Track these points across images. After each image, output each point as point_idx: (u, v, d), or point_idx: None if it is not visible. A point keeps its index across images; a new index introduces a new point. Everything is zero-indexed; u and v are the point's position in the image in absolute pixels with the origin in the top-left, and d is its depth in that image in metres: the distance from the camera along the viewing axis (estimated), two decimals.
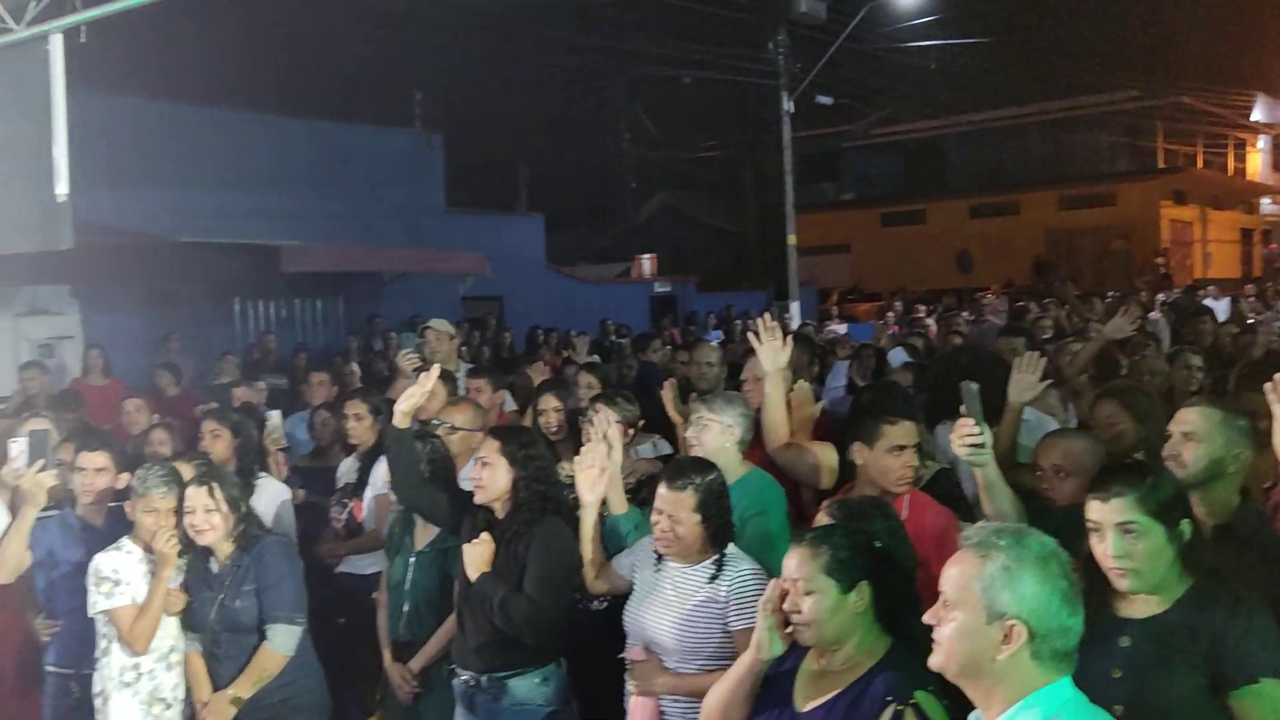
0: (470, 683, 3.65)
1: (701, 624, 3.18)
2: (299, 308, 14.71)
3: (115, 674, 3.84)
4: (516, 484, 3.63)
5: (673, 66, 22.03)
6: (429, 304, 14.81)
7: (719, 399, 3.99)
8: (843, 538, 2.58)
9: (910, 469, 3.52)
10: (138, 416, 6.48)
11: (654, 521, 3.27)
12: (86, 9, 4.05)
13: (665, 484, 3.25)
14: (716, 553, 3.24)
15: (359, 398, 5.07)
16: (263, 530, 4.05)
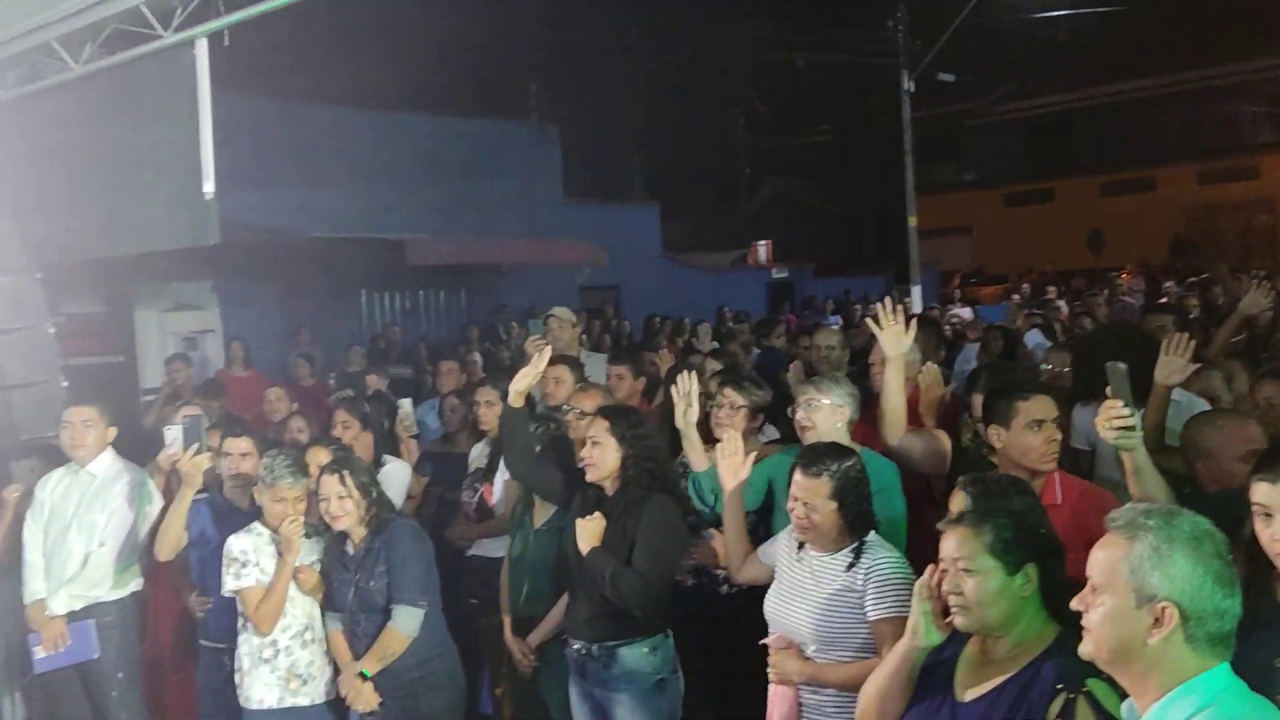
0: (582, 651, 3.76)
1: (840, 613, 3.15)
2: (422, 299, 15.10)
3: (254, 650, 4.00)
4: (625, 462, 3.73)
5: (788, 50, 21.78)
6: (547, 294, 14.99)
7: (826, 379, 3.99)
8: (1007, 517, 2.46)
9: (1054, 444, 3.42)
10: (278, 405, 6.77)
11: (790, 508, 3.25)
12: (228, 13, 4.22)
13: (801, 470, 3.22)
14: (856, 540, 3.20)
15: (489, 384, 5.18)
16: (393, 513, 4.18)
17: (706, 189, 25.81)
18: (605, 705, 3.76)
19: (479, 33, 16.89)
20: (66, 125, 5.33)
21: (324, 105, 14.13)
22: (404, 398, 5.87)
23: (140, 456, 4.99)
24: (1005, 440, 3.45)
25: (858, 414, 3.92)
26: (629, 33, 19.86)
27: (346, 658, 4.02)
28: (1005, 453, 3.47)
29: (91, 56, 4.81)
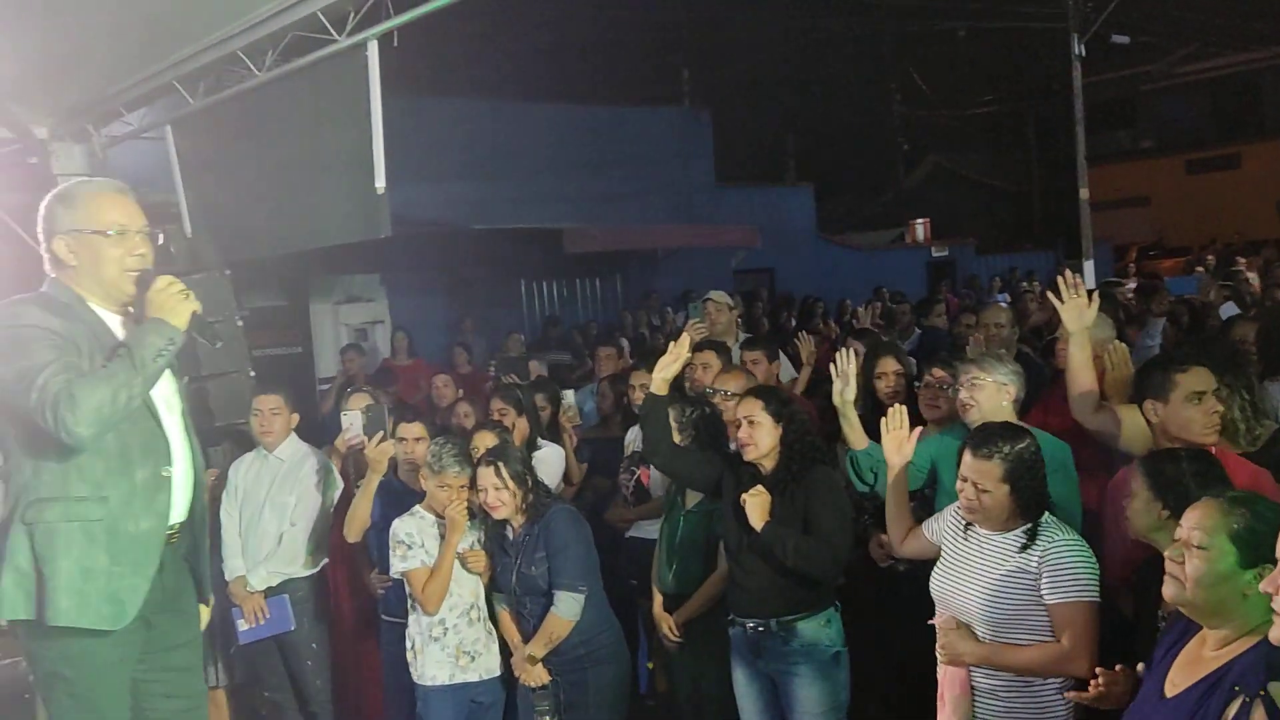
0: (758, 628, 3.78)
1: (1013, 596, 3.07)
2: (579, 286, 15.37)
3: (424, 629, 4.16)
4: (785, 438, 3.77)
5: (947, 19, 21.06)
6: (702, 278, 15.02)
7: (989, 357, 3.89)
8: (1270, 510, 2.30)
9: (1215, 416, 3.28)
10: (445, 391, 7.04)
11: (959, 489, 3.19)
12: (397, 15, 4.39)
13: (970, 451, 3.15)
14: (1028, 521, 3.12)
15: (643, 369, 5.23)
16: (550, 499, 4.28)
17: (862, 167, 25.26)
18: (782, 682, 3.79)
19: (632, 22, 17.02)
20: (249, 130, 5.65)
21: (483, 99, 14.54)
22: (564, 386, 5.98)
23: (317, 442, 5.27)
24: (1163, 415, 3.35)
25: (1024, 392, 3.81)
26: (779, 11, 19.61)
27: (516, 639, 4.17)
28: (1163, 427, 3.34)
29: (272, 64, 5.08)
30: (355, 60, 4.66)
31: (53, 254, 2.84)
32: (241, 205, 5.98)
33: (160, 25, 5.11)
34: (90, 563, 2.69)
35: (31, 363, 2.62)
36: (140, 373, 2.68)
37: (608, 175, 15.07)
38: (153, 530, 2.82)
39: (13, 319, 2.71)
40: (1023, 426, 3.31)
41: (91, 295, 2.85)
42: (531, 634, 4.11)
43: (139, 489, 2.79)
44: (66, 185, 2.91)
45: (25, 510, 2.70)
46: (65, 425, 2.57)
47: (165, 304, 2.79)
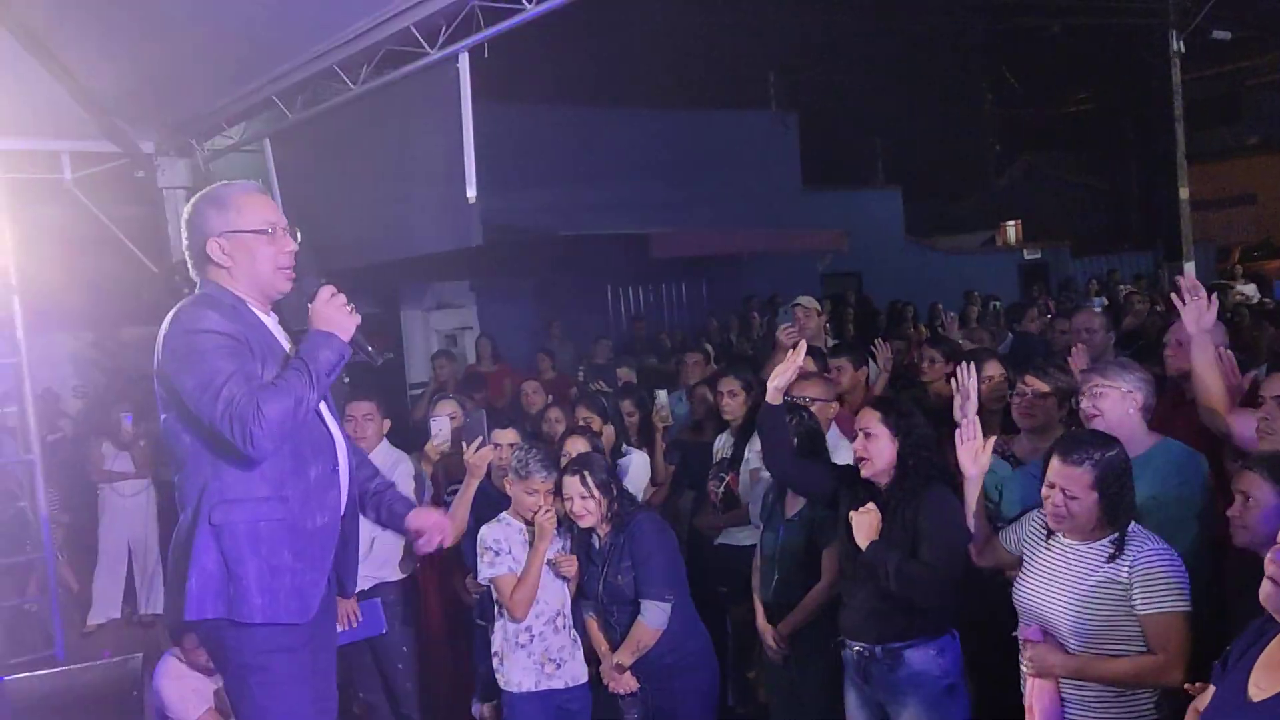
0: (864, 654, 3.65)
1: (1102, 606, 2.98)
2: (665, 291, 15.38)
3: (510, 635, 4.15)
4: (902, 453, 3.61)
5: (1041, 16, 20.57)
6: (788, 282, 14.92)
7: (1112, 364, 3.73)
8: None
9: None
10: (535, 398, 7.09)
11: (1045, 495, 3.10)
12: (487, 27, 4.45)
13: (1059, 457, 3.06)
14: (1115, 530, 3.02)
15: (732, 374, 5.20)
16: (635, 507, 4.25)
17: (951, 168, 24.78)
18: (891, 712, 3.64)
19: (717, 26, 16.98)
20: (344, 142, 5.80)
21: (569, 105, 14.64)
22: (663, 390, 5.98)
23: (409, 448, 5.35)
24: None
25: (1153, 399, 3.65)
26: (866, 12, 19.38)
27: (604, 647, 4.16)
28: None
29: (367, 77, 5.20)
30: (447, 72, 4.75)
31: (206, 257, 2.83)
32: (336, 215, 6.14)
33: (261, 43, 5.28)
34: (276, 560, 2.74)
35: (213, 371, 2.64)
36: (315, 386, 2.72)
37: (694, 179, 15.05)
38: (327, 526, 2.88)
39: (192, 323, 2.70)
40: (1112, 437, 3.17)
41: (246, 296, 2.86)
42: (619, 642, 4.10)
43: (313, 487, 2.84)
44: (211, 189, 2.91)
45: (212, 512, 2.72)
46: (252, 439, 2.61)
47: (332, 317, 2.81)
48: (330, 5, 4.81)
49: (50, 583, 6.38)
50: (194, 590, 2.70)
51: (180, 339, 2.70)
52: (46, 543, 6.42)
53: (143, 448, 7.82)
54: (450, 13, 4.51)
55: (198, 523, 2.73)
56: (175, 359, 2.70)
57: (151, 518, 7.95)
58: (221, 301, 2.80)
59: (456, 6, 4.44)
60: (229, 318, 2.74)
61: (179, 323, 2.72)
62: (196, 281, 2.90)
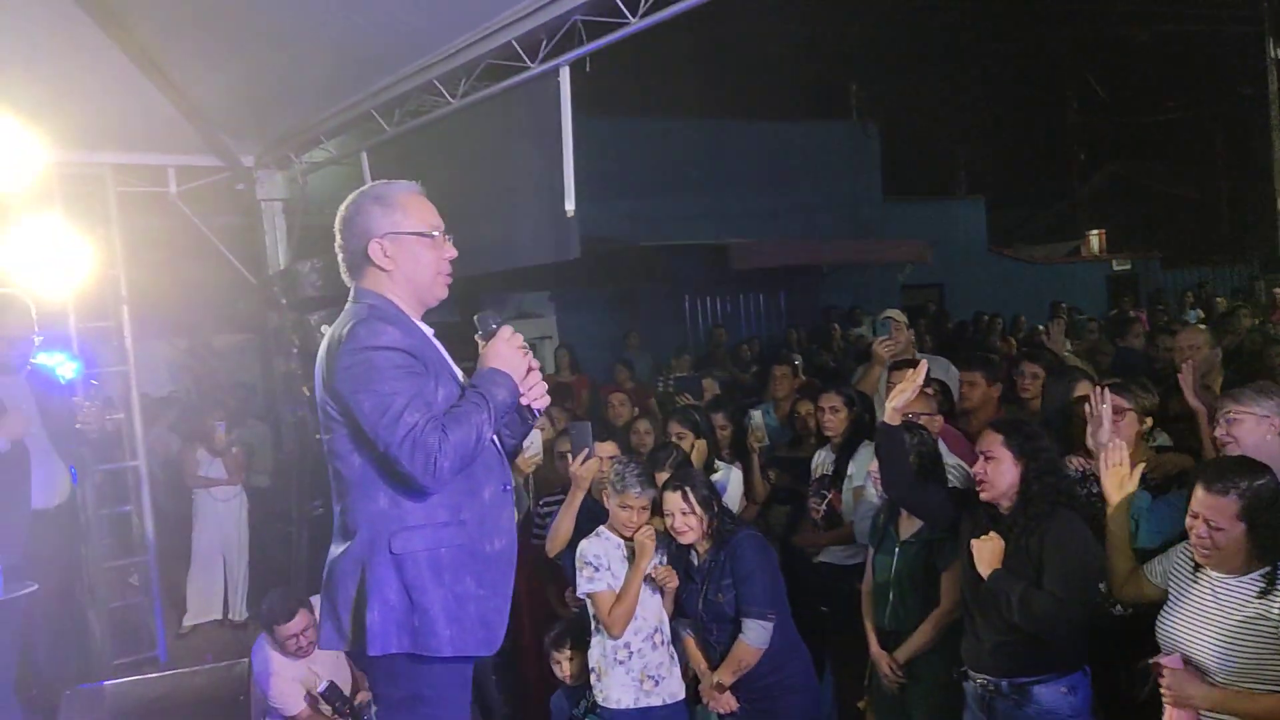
0: (989, 687, 3.52)
1: (1251, 643, 2.85)
2: (743, 302, 15.29)
3: (608, 652, 4.12)
4: (1025, 477, 3.47)
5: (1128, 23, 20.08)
6: (868, 294, 14.77)
7: (1248, 389, 3.56)
8: None
9: None
10: (621, 410, 7.08)
11: (1189, 526, 2.97)
12: (589, 41, 4.45)
13: (1203, 486, 2.93)
14: (1267, 564, 2.88)
15: (833, 390, 5.13)
16: (735, 524, 4.21)
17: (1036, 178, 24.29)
18: None
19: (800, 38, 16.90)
20: (441, 154, 5.84)
21: (649, 118, 14.67)
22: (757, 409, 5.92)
23: None
24: None
25: None
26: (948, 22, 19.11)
27: (703, 666, 4.12)
28: None
29: (466, 91, 5.24)
30: (547, 86, 4.76)
31: (366, 258, 2.70)
32: None
33: (362, 57, 5.36)
34: (461, 589, 2.61)
35: (391, 393, 2.50)
36: (492, 423, 2.58)
37: (775, 190, 14.98)
38: (505, 550, 2.74)
39: (370, 338, 2.55)
40: (1262, 465, 3.02)
41: (403, 302, 2.72)
42: (718, 661, 4.06)
43: (488, 509, 2.70)
44: (373, 187, 2.78)
45: (392, 540, 2.57)
46: (435, 468, 2.48)
47: (510, 357, 2.69)
48: (433, 20, 4.86)
49: (154, 585, 6.53)
50: (377, 624, 2.56)
51: (356, 356, 2.53)
52: (150, 546, 6.58)
53: (235, 455, 7.99)
54: (552, 27, 4.52)
55: (374, 551, 2.59)
56: (350, 378, 2.53)
57: (243, 523, 8.11)
58: (391, 314, 2.65)
59: (559, 21, 4.45)
60: (406, 332, 2.61)
61: (355, 339, 2.55)
62: (350, 286, 2.77)
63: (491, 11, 4.66)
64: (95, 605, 6.00)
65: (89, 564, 5.87)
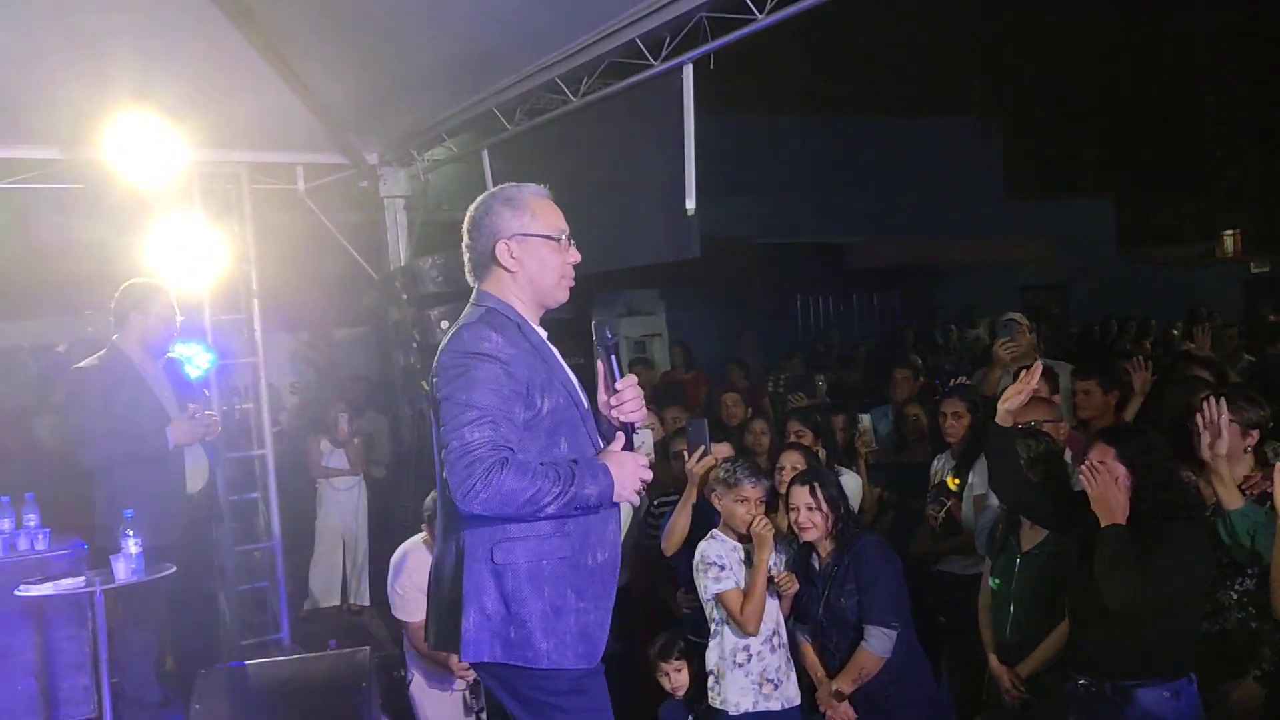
0: (1090, 688, 3.42)
1: None
2: (856, 301, 15.07)
3: (727, 654, 4.08)
4: (1138, 491, 3.33)
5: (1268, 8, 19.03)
6: (986, 294, 14.38)
7: None
8: None
9: None
10: (735, 410, 7.04)
11: None
12: (715, 39, 4.42)
13: None
14: None
15: (957, 396, 4.99)
16: (860, 528, 4.13)
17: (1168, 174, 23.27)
18: None
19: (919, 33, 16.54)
20: (561, 152, 5.88)
21: (767, 116, 14.56)
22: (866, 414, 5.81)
23: None
24: None
25: None
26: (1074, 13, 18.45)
27: (820, 673, 4.05)
28: None
29: (588, 89, 5.26)
30: (670, 84, 4.74)
31: (492, 258, 2.70)
32: None
33: (486, 56, 5.43)
34: (560, 601, 2.58)
35: (466, 403, 2.46)
36: (558, 503, 2.48)
37: (892, 188, 14.68)
38: (608, 563, 2.69)
39: (473, 343, 2.54)
40: None
41: (524, 304, 2.71)
42: (837, 668, 3.99)
43: (593, 520, 2.64)
44: (503, 190, 2.78)
45: (494, 550, 2.55)
46: (471, 494, 2.42)
47: (626, 471, 2.61)
48: (557, 19, 4.89)
49: (278, 570, 6.76)
50: (471, 631, 2.57)
51: (457, 359, 2.54)
52: (276, 531, 6.81)
53: (356, 445, 8.21)
54: (677, 24, 4.50)
55: (474, 558, 2.58)
56: (446, 379, 2.54)
57: (362, 511, 8.33)
58: (506, 320, 2.64)
59: (684, 18, 4.42)
60: (512, 341, 2.58)
61: (460, 341, 2.57)
62: (473, 287, 2.77)
63: (616, 9, 4.66)
64: (225, 588, 6.24)
65: (221, 548, 6.10)
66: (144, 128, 5.50)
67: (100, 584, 4.12)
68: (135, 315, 4.92)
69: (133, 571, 4.17)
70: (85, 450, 4.72)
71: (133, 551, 4.17)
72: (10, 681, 4.94)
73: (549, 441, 2.62)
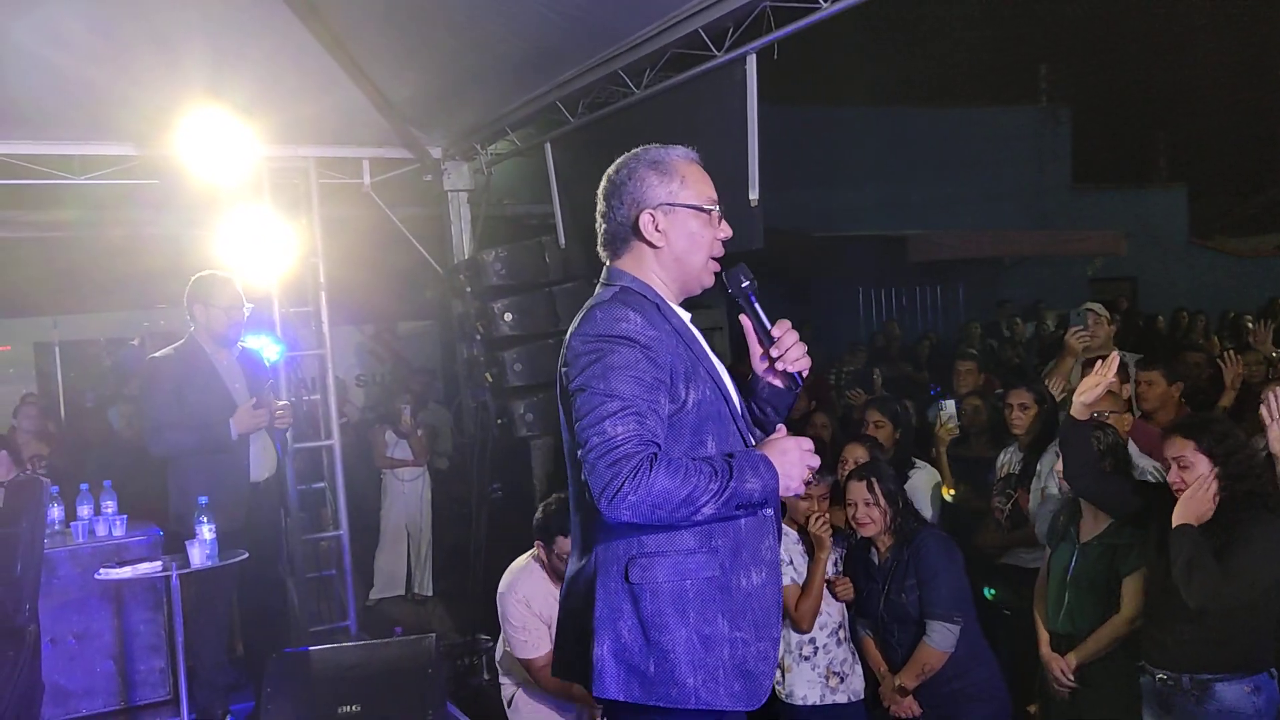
0: (1168, 682, 3.38)
1: None
2: (919, 294, 14.87)
3: (795, 648, 4.10)
4: (1220, 483, 3.28)
5: None
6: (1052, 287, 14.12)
7: None
8: None
9: None
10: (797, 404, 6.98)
11: None
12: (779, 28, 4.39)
13: None
14: None
15: (1024, 387, 4.91)
16: (920, 523, 4.10)
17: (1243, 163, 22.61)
18: None
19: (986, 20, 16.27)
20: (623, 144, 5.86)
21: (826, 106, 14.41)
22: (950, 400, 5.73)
23: None
24: None
25: None
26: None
27: (883, 667, 4.04)
28: None
29: (650, 81, 5.25)
30: (733, 74, 4.72)
31: (634, 230, 2.35)
32: None
33: (549, 49, 5.45)
34: (710, 628, 2.18)
35: (606, 393, 2.12)
36: (719, 505, 2.12)
37: (957, 179, 14.47)
38: (766, 584, 2.30)
39: (609, 324, 2.18)
40: None
41: (665, 286, 2.36)
42: (899, 663, 3.97)
43: (745, 534, 2.26)
44: (648, 151, 2.43)
45: (629, 568, 2.20)
46: (618, 499, 2.06)
47: (792, 464, 2.22)
48: (620, 11, 4.89)
49: (345, 559, 6.87)
50: (605, 662, 2.21)
51: (590, 344, 2.18)
52: (343, 521, 6.92)
53: (420, 437, 8.31)
54: (740, 14, 4.47)
55: (607, 576, 2.24)
56: (578, 366, 2.18)
57: (426, 502, 8.44)
58: (644, 300, 2.29)
59: (748, 8, 4.39)
60: (652, 322, 2.22)
61: (593, 323, 2.21)
62: (605, 264, 2.44)
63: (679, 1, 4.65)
64: (294, 575, 6.36)
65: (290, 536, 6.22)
66: (216, 124, 5.62)
67: (176, 568, 4.23)
68: (199, 307, 5.03)
69: (207, 557, 4.27)
70: (155, 438, 4.83)
71: (207, 538, 4.28)
72: (90, 663, 5.10)
73: (694, 440, 2.24)
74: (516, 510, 7.38)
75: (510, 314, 6.38)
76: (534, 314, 6.40)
